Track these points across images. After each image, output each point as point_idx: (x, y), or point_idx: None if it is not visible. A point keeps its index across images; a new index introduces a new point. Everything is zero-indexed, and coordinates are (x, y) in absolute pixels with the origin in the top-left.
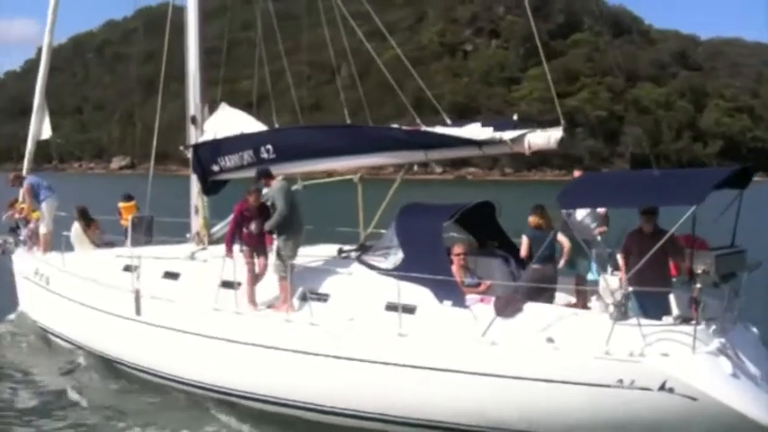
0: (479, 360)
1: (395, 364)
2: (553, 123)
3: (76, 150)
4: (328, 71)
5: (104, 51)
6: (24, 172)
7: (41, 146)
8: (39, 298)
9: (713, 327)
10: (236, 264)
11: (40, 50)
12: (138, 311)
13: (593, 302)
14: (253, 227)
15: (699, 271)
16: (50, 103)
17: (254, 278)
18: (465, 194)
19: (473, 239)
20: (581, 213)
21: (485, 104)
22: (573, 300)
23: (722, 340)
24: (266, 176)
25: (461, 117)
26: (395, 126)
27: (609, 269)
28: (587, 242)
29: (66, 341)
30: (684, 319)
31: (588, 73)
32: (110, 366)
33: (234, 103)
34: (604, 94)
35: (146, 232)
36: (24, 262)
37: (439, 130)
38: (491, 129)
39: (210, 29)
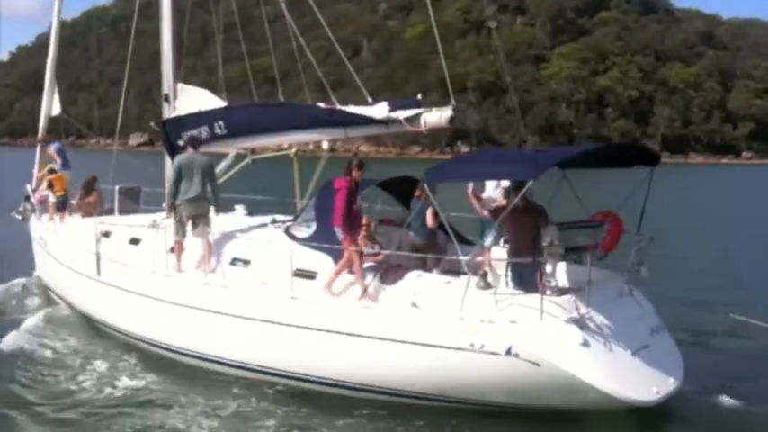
0: (354, 322)
1: (287, 325)
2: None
3: (93, 126)
4: (350, 48)
5: (118, 26)
6: (37, 156)
7: (58, 121)
8: (42, 259)
9: (574, 298)
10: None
11: (51, 26)
12: (98, 272)
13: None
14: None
15: (545, 243)
16: (67, 78)
17: (349, 262)
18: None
19: (406, 211)
20: (489, 188)
21: (512, 83)
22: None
23: (582, 311)
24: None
25: (488, 96)
26: (319, 105)
27: (501, 242)
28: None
29: (58, 297)
30: (560, 290)
31: (618, 52)
32: (88, 322)
33: (254, 79)
34: (635, 73)
35: (134, 201)
36: (35, 227)
37: (350, 109)
38: (388, 108)
39: (227, 4)
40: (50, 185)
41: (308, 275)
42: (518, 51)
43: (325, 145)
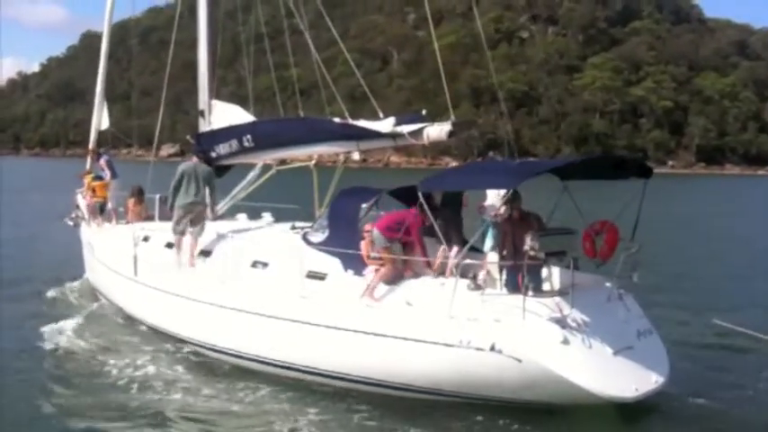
0: (355, 319)
1: (297, 321)
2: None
3: (127, 137)
4: (380, 59)
5: (149, 38)
6: (87, 165)
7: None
8: (90, 262)
9: (558, 299)
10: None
11: (83, 37)
12: (135, 273)
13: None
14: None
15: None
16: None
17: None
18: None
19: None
20: (491, 197)
21: (545, 93)
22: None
23: (566, 311)
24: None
25: (520, 106)
26: (335, 119)
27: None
28: (496, 224)
29: (103, 297)
30: (544, 292)
31: (651, 61)
32: (128, 320)
33: (285, 91)
34: (668, 83)
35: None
36: (84, 233)
37: (361, 123)
38: (393, 122)
39: (258, 15)
40: (93, 191)
41: (319, 277)
42: (550, 61)
43: (356, 156)
